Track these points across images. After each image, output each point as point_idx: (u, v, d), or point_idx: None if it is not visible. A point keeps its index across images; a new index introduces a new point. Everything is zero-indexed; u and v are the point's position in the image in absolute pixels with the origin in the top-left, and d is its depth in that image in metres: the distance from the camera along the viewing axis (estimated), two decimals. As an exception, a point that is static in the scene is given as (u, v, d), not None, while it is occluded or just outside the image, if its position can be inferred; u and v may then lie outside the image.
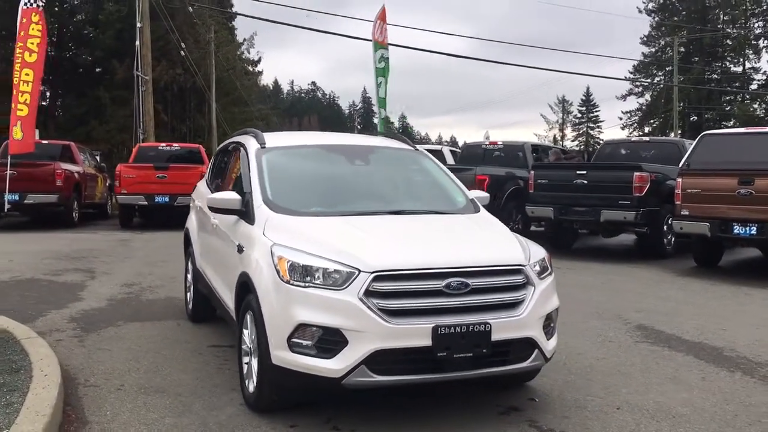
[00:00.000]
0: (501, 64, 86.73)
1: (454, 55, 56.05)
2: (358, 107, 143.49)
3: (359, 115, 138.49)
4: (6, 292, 8.44)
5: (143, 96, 22.66)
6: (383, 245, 4.35)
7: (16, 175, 15.37)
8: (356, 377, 3.97)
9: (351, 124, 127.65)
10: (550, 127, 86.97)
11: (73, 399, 4.74)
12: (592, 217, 11.86)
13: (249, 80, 43.35)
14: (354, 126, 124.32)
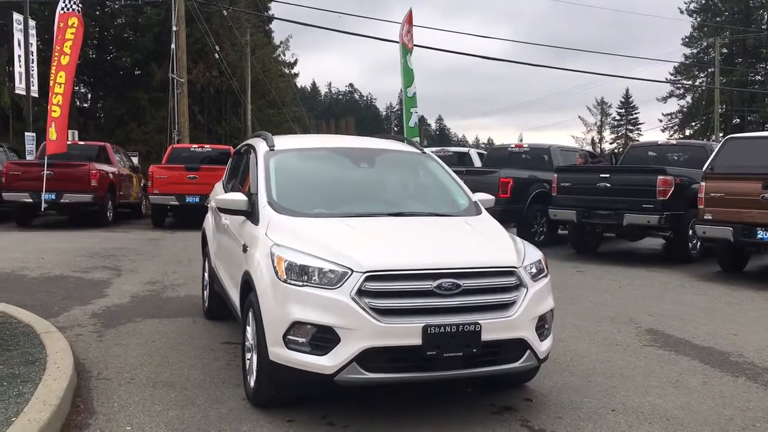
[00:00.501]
0: (538, 66, 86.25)
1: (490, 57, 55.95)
2: (395, 109, 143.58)
3: (396, 117, 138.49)
4: (35, 288, 8.75)
5: (178, 98, 23.08)
6: (377, 246, 4.47)
7: (53, 175, 15.86)
8: (348, 374, 4.09)
9: (388, 125, 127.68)
10: (588, 130, 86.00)
11: (84, 391, 4.95)
12: (615, 221, 11.81)
13: (284, 82, 43.76)
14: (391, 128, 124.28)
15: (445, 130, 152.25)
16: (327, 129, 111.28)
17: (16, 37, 21.04)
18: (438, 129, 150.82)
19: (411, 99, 16.92)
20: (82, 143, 19.57)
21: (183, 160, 17.64)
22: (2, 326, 6.15)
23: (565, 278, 10.28)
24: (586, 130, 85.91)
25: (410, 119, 17.01)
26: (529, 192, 13.79)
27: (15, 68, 21.57)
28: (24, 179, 16.02)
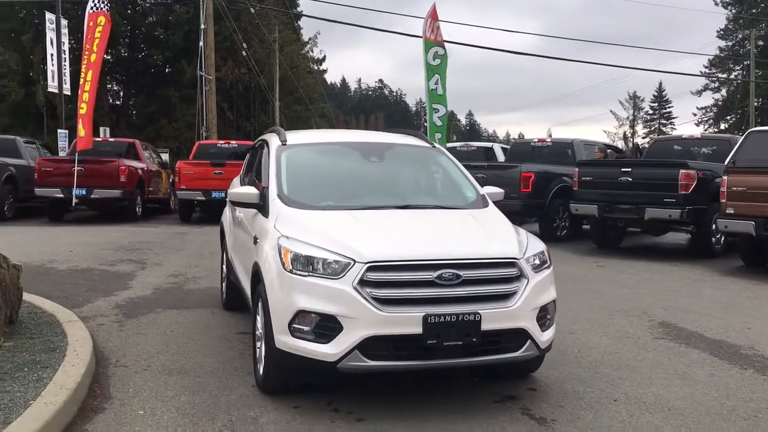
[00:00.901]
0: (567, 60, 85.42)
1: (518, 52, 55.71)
2: (425, 104, 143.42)
3: (426, 112, 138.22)
4: (62, 280, 9.01)
5: (206, 95, 23.40)
6: (380, 238, 4.58)
7: (83, 171, 16.25)
8: (350, 362, 4.21)
9: (417, 121, 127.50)
10: (620, 124, 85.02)
11: (102, 377, 5.13)
12: (637, 215, 11.77)
13: (312, 79, 44.02)
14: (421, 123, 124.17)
15: (475, 125, 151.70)
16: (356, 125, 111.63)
17: (48, 36, 21.51)
18: (468, 124, 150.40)
19: (433, 94, 16.93)
20: (112, 140, 20.00)
21: (209, 156, 17.92)
22: (28, 316, 6.38)
23: (585, 272, 10.30)
24: (618, 124, 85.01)
25: (433, 115, 17.01)
26: (551, 186, 13.78)
27: (48, 67, 22.06)
28: (55, 175, 16.44)
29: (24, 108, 34.66)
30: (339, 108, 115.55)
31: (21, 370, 4.75)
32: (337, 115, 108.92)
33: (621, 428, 4.30)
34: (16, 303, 6.03)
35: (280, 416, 4.41)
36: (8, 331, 5.69)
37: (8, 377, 4.59)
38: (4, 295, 5.68)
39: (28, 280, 8.61)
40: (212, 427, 4.23)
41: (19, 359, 5.01)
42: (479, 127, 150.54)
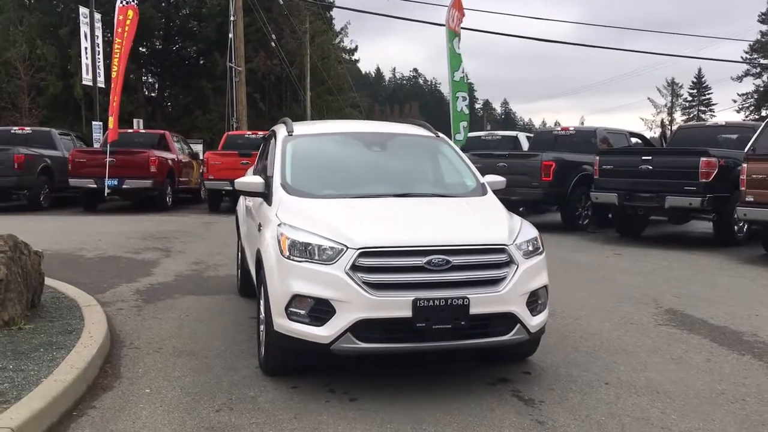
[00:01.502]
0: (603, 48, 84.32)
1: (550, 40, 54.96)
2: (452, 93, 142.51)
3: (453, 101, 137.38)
4: (89, 267, 9.36)
5: (236, 86, 23.73)
6: (373, 225, 4.74)
7: (115, 162, 16.69)
8: (343, 344, 4.39)
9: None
10: (657, 111, 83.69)
11: (115, 358, 5.39)
12: (657, 204, 11.73)
13: (342, 68, 44.21)
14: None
15: (511, 114, 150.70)
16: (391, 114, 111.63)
17: (82, 29, 22.04)
18: (503, 113, 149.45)
19: (457, 83, 16.98)
20: (143, 131, 20.45)
21: (237, 147, 18.24)
22: (51, 300, 6.69)
23: (601, 260, 10.34)
24: (656, 111, 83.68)
25: (457, 103, 17.07)
26: (572, 175, 13.76)
27: (82, 60, 22.59)
28: (88, 166, 16.91)
29: (62, 101, 35.58)
30: (373, 98, 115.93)
31: (37, 351, 5.02)
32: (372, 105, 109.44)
33: (606, 410, 4.42)
34: (38, 288, 6.33)
35: (278, 396, 4.61)
36: (30, 315, 5.99)
37: (24, 357, 4.86)
38: (26, 281, 5.97)
39: (57, 267, 9.02)
40: (212, 405, 4.44)
41: (36, 340, 5.29)
42: (515, 116, 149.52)
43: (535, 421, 4.23)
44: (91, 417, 4.23)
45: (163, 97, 40.85)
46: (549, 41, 45.33)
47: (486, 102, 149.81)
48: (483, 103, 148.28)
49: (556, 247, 11.82)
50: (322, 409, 4.37)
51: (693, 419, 4.27)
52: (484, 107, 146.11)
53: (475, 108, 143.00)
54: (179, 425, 4.13)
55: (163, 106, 40.25)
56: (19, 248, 5.99)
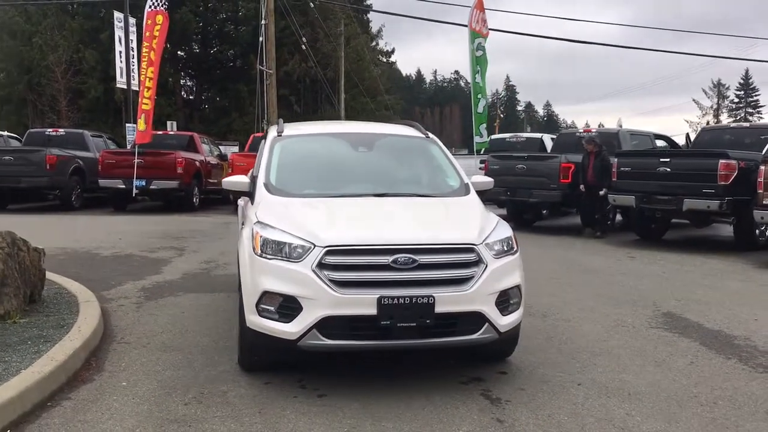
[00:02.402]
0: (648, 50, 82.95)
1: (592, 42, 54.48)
2: (501, 95, 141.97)
3: (502, 103, 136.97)
4: (103, 264, 9.60)
5: (267, 89, 24.01)
6: (343, 224, 4.81)
7: (143, 163, 17.06)
8: (309, 340, 4.46)
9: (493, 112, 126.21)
10: (703, 113, 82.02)
11: (103, 352, 5.54)
12: (675, 206, 11.56)
13: (377, 71, 44.37)
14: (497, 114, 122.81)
15: (553, 116, 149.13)
16: (431, 117, 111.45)
17: (116, 33, 22.56)
18: (545, 115, 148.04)
19: (478, 85, 16.95)
20: (172, 133, 20.84)
21: (262, 148, 18.43)
22: (53, 296, 6.89)
23: (611, 263, 10.24)
24: (701, 113, 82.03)
25: (478, 105, 17.05)
26: (593, 177, 13.61)
27: (116, 63, 23.12)
28: (117, 167, 17.31)
29: (103, 103, 36.36)
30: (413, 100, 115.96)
31: (25, 344, 5.19)
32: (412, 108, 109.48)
33: (571, 410, 4.40)
34: (37, 283, 6.53)
35: (249, 391, 4.70)
36: (28, 309, 6.19)
37: (11, 349, 5.03)
38: (24, 276, 6.18)
39: (72, 264, 9.29)
40: (183, 398, 4.55)
41: (27, 334, 5.46)
42: (557, 118, 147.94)
43: (495, 420, 4.24)
44: (64, 408, 4.36)
45: (200, 100, 41.52)
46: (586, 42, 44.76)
47: (528, 104, 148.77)
48: (525, 105, 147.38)
49: (570, 249, 11.76)
50: (287, 404, 4.45)
51: (656, 421, 4.24)
52: (526, 109, 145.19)
53: (516, 110, 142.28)
54: (145, 416, 4.24)
55: (201, 109, 40.86)
56: (17, 244, 6.19)
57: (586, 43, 50.28)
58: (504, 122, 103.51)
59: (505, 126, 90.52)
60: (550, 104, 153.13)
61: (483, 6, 16.59)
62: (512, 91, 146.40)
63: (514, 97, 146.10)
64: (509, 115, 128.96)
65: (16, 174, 16.97)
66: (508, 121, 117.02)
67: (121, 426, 4.09)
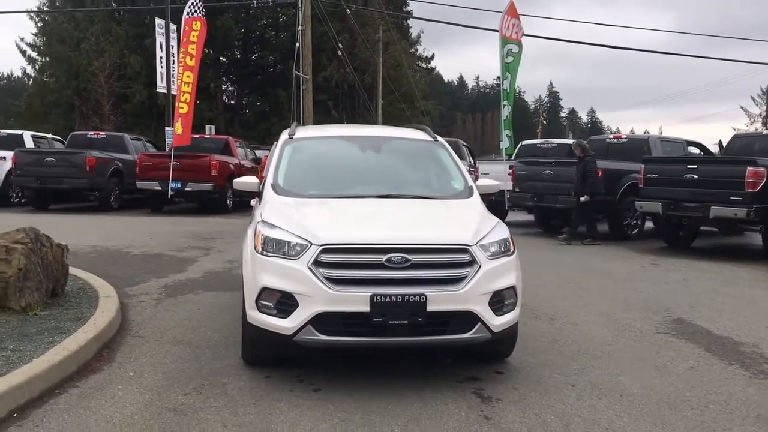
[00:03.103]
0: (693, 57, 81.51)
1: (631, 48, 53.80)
2: (544, 101, 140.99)
3: (545, 110, 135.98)
4: (131, 262, 9.90)
5: (303, 94, 24.34)
6: (341, 223, 4.95)
7: (178, 166, 17.47)
8: (305, 335, 4.60)
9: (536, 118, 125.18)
10: (751, 121, 79.93)
11: (116, 344, 5.77)
12: (702, 214, 11.43)
13: (414, 77, 44.49)
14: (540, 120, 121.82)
15: (597, 122, 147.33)
16: (472, 123, 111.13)
17: (158, 40, 23.12)
18: (589, 121, 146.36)
19: (506, 92, 16.96)
20: (207, 137, 21.28)
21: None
22: (78, 291, 7.17)
23: (633, 270, 10.18)
24: (750, 121, 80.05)
25: (503, 112, 17.04)
26: (620, 184, 13.54)
27: (157, 69, 23.69)
28: (154, 169, 17.76)
29: (147, 108, 37.18)
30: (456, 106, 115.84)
31: (42, 334, 5.44)
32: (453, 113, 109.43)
33: (560, 410, 4.46)
34: (61, 278, 6.81)
35: (248, 383, 4.86)
36: (50, 302, 6.47)
37: (27, 339, 5.28)
38: (46, 271, 6.46)
39: (101, 262, 9.62)
40: (184, 389, 4.73)
41: (45, 325, 5.72)
42: (601, 125, 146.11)
43: (482, 417, 4.32)
44: (71, 394, 4.58)
45: (241, 105, 42.17)
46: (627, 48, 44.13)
47: (572, 111, 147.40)
48: (569, 112, 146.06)
49: (593, 255, 11.72)
50: (282, 397, 4.60)
51: (643, 423, 4.27)
52: (569, 116, 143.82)
53: (559, 117, 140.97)
54: (145, 405, 4.43)
55: (241, 113, 41.51)
56: (41, 240, 6.47)
57: (627, 50, 49.65)
58: (546, 129, 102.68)
59: (547, 132, 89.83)
60: (594, 111, 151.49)
61: (516, 12, 16.60)
62: (555, 98, 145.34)
63: (557, 104, 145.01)
64: (552, 122, 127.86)
65: (57, 175, 17.54)
66: (551, 127, 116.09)
67: (120, 413, 4.28)
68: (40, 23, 40.38)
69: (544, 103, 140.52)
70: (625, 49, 55.03)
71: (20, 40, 40.96)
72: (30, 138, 20.28)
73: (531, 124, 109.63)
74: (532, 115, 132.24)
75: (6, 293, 5.99)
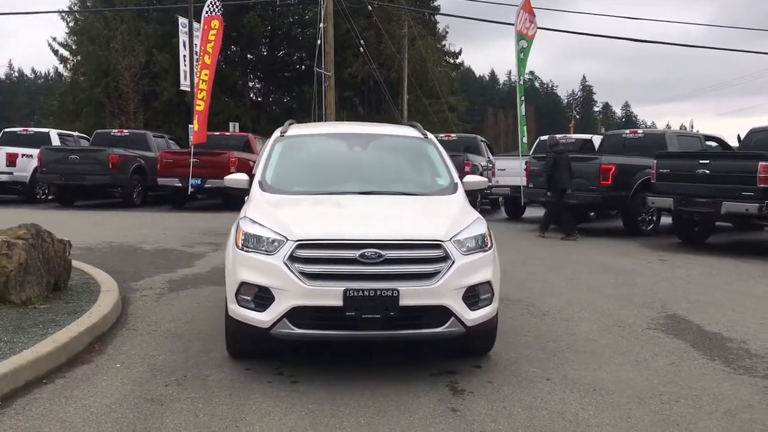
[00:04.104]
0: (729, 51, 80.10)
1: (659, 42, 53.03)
2: (577, 95, 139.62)
3: (578, 104, 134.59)
4: (141, 257, 10.14)
5: (326, 91, 24.51)
6: (318, 219, 5.06)
7: (198, 162, 17.75)
8: (280, 329, 4.72)
9: (569, 113, 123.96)
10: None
11: (110, 337, 5.95)
12: (713, 209, 11.32)
13: (441, 72, 44.44)
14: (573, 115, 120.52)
15: (632, 116, 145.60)
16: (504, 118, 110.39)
17: (181, 38, 23.48)
18: (624, 116, 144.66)
19: (522, 87, 16.92)
20: (228, 134, 21.57)
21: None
22: (81, 285, 7.39)
23: (639, 266, 10.14)
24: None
25: (522, 107, 17.00)
26: (634, 179, 13.45)
27: (180, 67, 24.05)
28: (175, 166, 18.08)
29: (176, 105, 37.68)
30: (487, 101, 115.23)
31: (37, 327, 5.64)
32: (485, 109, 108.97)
33: (528, 403, 4.52)
34: (63, 272, 7.02)
35: (229, 375, 5.00)
36: (51, 296, 6.69)
37: (21, 332, 5.48)
38: (47, 266, 6.67)
39: (112, 256, 9.87)
40: (166, 380, 4.88)
41: (41, 318, 5.92)
42: (635, 119, 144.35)
43: (450, 409, 4.40)
44: (56, 385, 4.76)
45: (268, 102, 42.56)
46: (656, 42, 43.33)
47: (605, 105, 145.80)
48: (602, 106, 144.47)
49: (602, 251, 11.70)
50: (258, 389, 4.72)
51: (607, 415, 4.32)
52: (603, 110, 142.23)
53: (593, 111, 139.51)
54: (125, 395, 4.59)
55: (268, 110, 41.86)
56: (42, 236, 6.68)
57: (656, 43, 49.06)
58: (579, 123, 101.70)
59: (580, 127, 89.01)
60: (628, 105, 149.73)
61: (530, 7, 16.55)
62: (589, 92, 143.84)
63: (591, 98, 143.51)
64: (585, 117, 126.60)
65: (81, 172, 17.96)
66: (583, 122, 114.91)
67: (100, 402, 4.44)
68: (72, 23, 41.17)
69: (577, 97, 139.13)
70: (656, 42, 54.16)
71: (52, 39, 41.90)
72: (56, 136, 20.77)
73: (564, 119, 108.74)
74: (565, 110, 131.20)
75: (6, 287, 6.21)
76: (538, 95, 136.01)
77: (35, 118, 58.62)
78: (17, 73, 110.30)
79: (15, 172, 18.96)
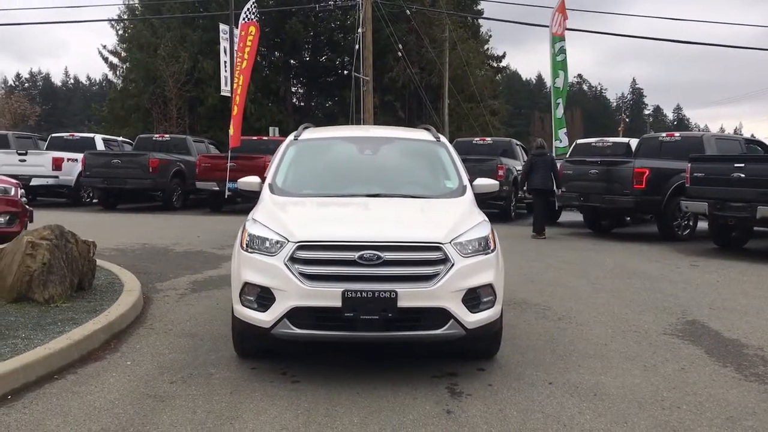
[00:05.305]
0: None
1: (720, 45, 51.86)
2: (627, 98, 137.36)
3: (627, 107, 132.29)
4: (171, 259, 10.36)
5: (364, 95, 24.65)
6: (320, 221, 5.12)
7: (235, 166, 18.01)
8: (281, 329, 4.80)
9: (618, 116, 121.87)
10: None
11: (126, 335, 6.10)
12: (748, 214, 11.05)
13: (485, 75, 44.25)
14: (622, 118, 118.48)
15: (684, 119, 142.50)
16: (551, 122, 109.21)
17: (222, 45, 23.85)
18: (675, 119, 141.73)
19: (557, 90, 16.76)
20: (265, 138, 21.84)
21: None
22: (106, 285, 7.59)
23: (668, 271, 9.95)
24: None
25: (557, 110, 16.84)
26: (669, 183, 13.18)
27: (221, 73, 24.44)
28: (213, 170, 18.40)
29: (220, 110, 38.32)
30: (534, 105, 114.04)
31: (55, 324, 5.82)
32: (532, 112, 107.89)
33: (525, 406, 4.50)
34: (87, 272, 7.22)
35: (233, 374, 5.09)
36: (75, 295, 6.89)
37: (40, 329, 5.67)
38: (71, 266, 6.87)
39: (143, 257, 10.12)
40: (172, 377, 5.00)
41: (61, 316, 6.11)
42: (688, 122, 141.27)
43: (445, 411, 4.41)
44: (67, 380, 4.91)
45: (310, 107, 42.93)
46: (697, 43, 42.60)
47: (656, 108, 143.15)
48: (653, 109, 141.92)
49: (632, 256, 11.53)
50: (259, 388, 4.80)
51: (603, 420, 4.27)
52: (654, 113, 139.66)
53: (643, 114, 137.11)
54: (129, 391, 4.71)
55: (310, 115, 42.22)
56: (66, 237, 6.89)
57: (713, 45, 48.06)
58: (628, 126, 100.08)
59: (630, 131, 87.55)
60: (680, 107, 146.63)
61: (564, 9, 16.40)
62: (639, 95, 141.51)
63: (641, 101, 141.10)
64: (635, 120, 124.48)
65: (123, 176, 18.41)
66: (633, 125, 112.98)
67: (104, 398, 4.57)
68: (121, 31, 42.21)
69: (626, 100, 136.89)
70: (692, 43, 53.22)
71: (102, 47, 43.01)
72: (101, 141, 21.33)
73: (613, 123, 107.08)
74: (614, 113, 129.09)
75: (30, 285, 6.43)
76: (586, 98, 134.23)
77: (87, 124, 60.19)
78: (73, 80, 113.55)
79: (61, 175, 19.52)
